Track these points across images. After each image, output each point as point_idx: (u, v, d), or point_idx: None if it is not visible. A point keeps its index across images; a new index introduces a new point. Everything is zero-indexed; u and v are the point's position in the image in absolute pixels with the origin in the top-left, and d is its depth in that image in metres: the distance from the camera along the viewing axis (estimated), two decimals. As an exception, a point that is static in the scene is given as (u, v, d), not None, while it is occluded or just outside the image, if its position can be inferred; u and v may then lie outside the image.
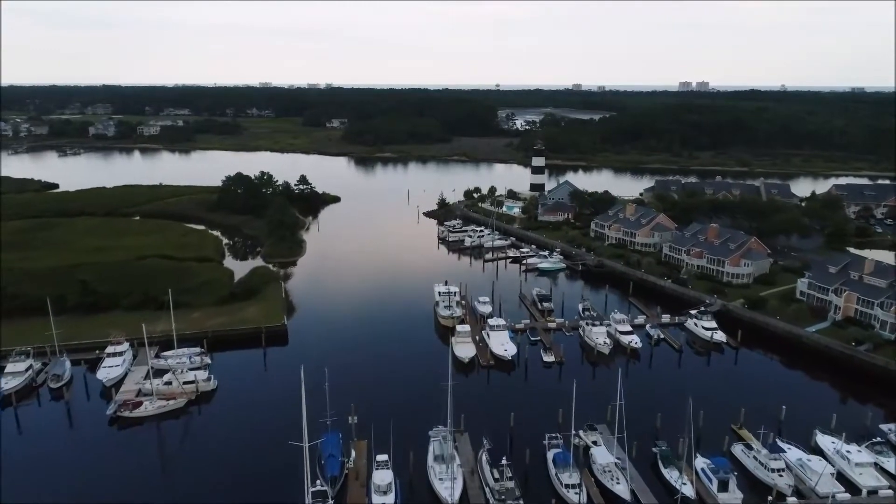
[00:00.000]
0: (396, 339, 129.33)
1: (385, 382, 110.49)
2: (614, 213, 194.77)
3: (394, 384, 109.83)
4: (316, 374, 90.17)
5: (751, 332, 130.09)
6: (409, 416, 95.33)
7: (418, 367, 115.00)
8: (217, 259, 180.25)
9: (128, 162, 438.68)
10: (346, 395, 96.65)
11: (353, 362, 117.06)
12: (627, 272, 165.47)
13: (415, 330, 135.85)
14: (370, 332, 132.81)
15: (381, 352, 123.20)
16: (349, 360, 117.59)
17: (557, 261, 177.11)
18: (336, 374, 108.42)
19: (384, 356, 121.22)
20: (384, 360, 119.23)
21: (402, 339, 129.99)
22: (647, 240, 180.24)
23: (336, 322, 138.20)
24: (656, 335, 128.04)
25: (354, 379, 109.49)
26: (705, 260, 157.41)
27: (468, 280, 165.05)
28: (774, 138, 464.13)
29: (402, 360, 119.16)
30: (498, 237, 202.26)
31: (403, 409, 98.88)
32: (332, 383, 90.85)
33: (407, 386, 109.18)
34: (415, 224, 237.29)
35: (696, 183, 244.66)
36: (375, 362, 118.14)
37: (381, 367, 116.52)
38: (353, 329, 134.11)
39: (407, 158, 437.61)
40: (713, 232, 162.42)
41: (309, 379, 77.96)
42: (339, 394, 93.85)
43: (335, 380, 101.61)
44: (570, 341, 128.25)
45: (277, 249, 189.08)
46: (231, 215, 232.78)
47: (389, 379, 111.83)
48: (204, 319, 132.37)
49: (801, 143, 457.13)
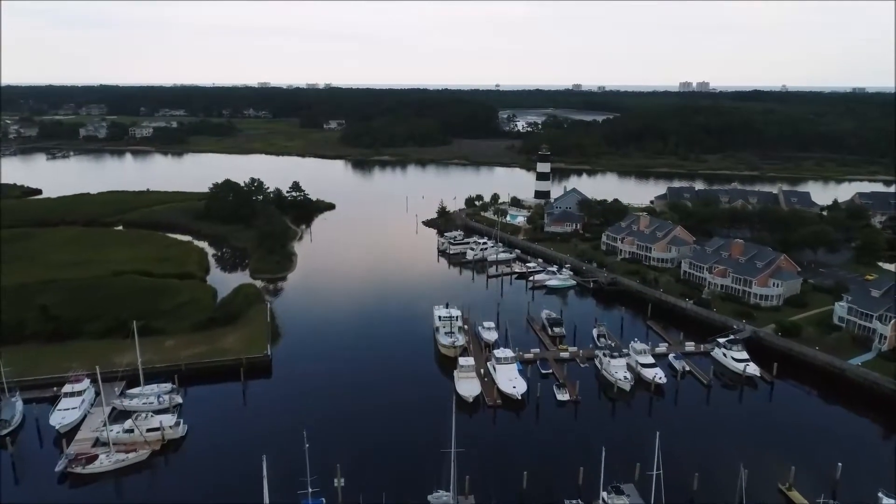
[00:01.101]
0: (392, 372, 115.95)
1: (378, 431, 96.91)
2: (627, 224, 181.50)
3: (388, 434, 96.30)
4: (297, 426, 77.11)
5: (785, 363, 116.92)
6: (406, 477, 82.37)
7: (417, 411, 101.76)
8: (199, 275, 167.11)
9: (117, 165, 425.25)
10: (332, 449, 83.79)
11: (342, 406, 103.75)
12: (644, 291, 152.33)
13: (413, 359, 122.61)
14: (363, 362, 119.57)
15: (374, 388, 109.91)
16: (337, 403, 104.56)
17: (567, 277, 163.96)
18: (321, 421, 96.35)
19: (377, 393, 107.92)
20: (377, 400, 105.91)
21: (398, 371, 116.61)
22: (664, 255, 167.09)
23: (326, 351, 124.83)
24: (681, 367, 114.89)
25: (342, 427, 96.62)
26: (730, 279, 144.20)
27: (470, 298, 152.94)
28: (783, 141, 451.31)
29: (398, 402, 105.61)
30: (502, 250, 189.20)
31: (399, 467, 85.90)
32: (316, 433, 78.22)
33: (403, 437, 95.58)
34: (413, 234, 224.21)
35: (711, 190, 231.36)
36: (367, 404, 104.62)
37: (374, 410, 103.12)
38: (344, 359, 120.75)
39: (405, 161, 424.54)
40: (737, 248, 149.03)
41: (288, 432, 64.75)
42: (323, 448, 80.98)
43: (320, 429, 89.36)
44: (585, 375, 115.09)
45: (265, 264, 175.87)
46: (218, 225, 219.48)
47: (383, 427, 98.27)
48: (178, 349, 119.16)
49: (810, 145, 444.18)
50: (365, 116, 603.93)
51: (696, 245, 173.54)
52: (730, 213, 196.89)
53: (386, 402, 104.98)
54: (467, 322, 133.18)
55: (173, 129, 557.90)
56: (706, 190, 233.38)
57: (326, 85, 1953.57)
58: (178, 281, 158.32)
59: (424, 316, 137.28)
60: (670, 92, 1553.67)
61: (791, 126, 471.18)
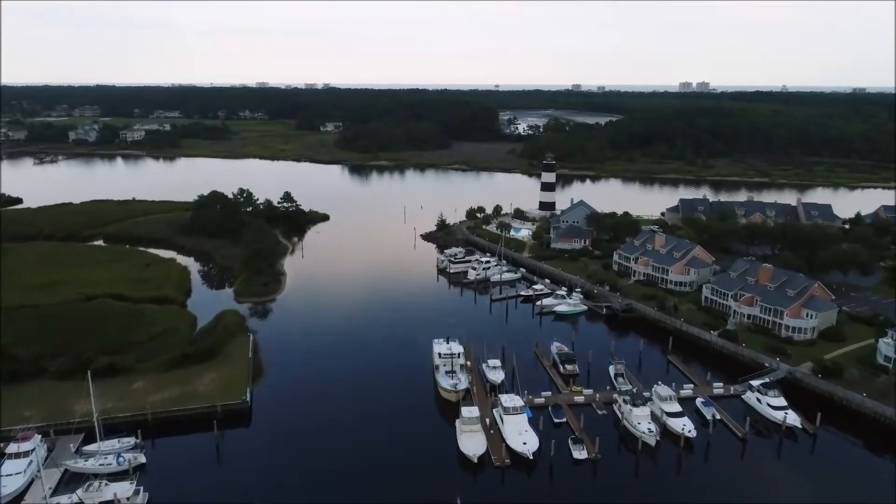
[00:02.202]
0: (388, 421, 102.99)
1: (372, 494, 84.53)
2: (641, 243, 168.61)
3: (383, 497, 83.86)
4: (278, 487, 64.40)
5: (826, 409, 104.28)
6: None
7: (416, 468, 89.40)
8: (179, 299, 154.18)
9: (106, 170, 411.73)
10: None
11: (329, 462, 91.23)
12: (662, 320, 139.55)
13: (411, 402, 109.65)
14: (354, 407, 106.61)
15: (366, 440, 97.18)
16: (324, 458, 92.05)
17: (577, 302, 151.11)
18: (306, 481, 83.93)
19: (371, 446, 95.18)
20: (370, 453, 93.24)
21: (394, 419, 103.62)
22: (682, 277, 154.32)
23: (312, 393, 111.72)
24: (711, 415, 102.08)
25: (329, 488, 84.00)
26: (758, 309, 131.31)
27: (472, 323, 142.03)
28: (792, 144, 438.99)
29: (394, 457, 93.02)
30: (506, 269, 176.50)
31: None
32: (300, 495, 65.39)
33: (401, 500, 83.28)
34: (411, 249, 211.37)
35: (727, 203, 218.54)
36: (359, 459, 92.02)
37: (367, 467, 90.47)
38: (333, 404, 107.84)
39: (403, 166, 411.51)
40: (765, 274, 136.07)
41: (268, 493, 52.21)
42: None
43: (304, 491, 76.96)
44: (603, 424, 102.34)
45: (251, 286, 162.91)
46: (204, 239, 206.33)
47: (377, 488, 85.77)
48: (146, 392, 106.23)
49: (820, 149, 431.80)
50: (362, 118, 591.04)
51: (716, 265, 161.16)
52: (749, 229, 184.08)
53: (381, 457, 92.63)
54: (470, 357, 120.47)
55: (166, 132, 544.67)
56: (721, 202, 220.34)
57: (325, 85, 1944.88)
58: (156, 307, 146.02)
59: (423, 349, 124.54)
60: (671, 92, 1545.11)
61: (800, 129, 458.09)
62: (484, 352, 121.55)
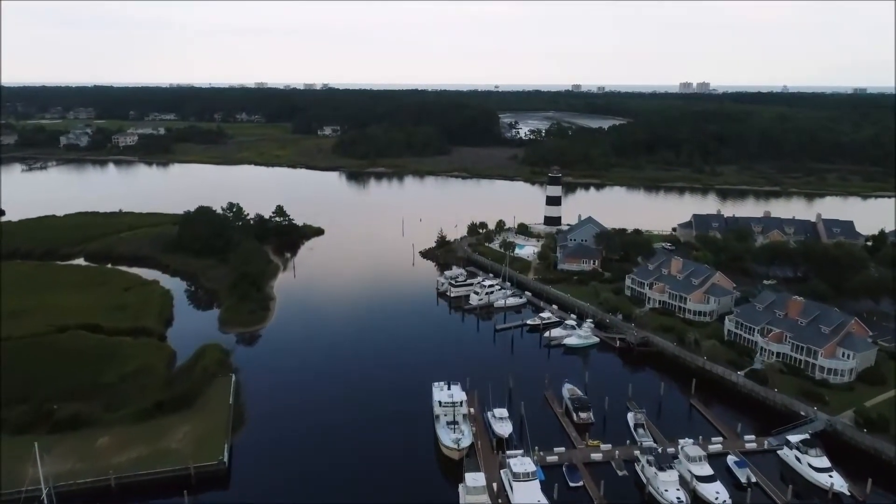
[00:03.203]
0: (383, 482, 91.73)
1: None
2: (656, 267, 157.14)
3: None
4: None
5: (874, 469, 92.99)
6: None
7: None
8: (158, 330, 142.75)
9: (96, 178, 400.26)
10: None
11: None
12: (682, 357, 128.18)
13: (408, 458, 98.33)
14: (345, 465, 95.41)
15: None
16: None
17: (589, 334, 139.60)
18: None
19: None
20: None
21: (390, 480, 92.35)
22: (702, 306, 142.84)
23: (299, 446, 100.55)
24: (746, 478, 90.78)
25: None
26: (788, 346, 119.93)
27: (475, 356, 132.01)
28: (801, 151, 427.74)
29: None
30: (510, 293, 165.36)
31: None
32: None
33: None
34: (409, 267, 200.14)
35: (743, 219, 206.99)
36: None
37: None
38: (321, 462, 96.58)
39: (402, 173, 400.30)
40: (796, 307, 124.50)
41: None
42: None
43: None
44: (625, 485, 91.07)
45: (237, 315, 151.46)
46: (190, 258, 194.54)
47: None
48: (111, 450, 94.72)
49: (830, 155, 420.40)
50: (361, 122, 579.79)
51: (737, 290, 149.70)
52: (769, 251, 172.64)
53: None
54: (474, 405, 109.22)
55: (160, 136, 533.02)
56: (736, 218, 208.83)
57: (324, 85, 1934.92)
58: (132, 340, 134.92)
59: (422, 393, 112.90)
60: (672, 93, 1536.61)
61: (808, 135, 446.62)
62: (489, 398, 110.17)
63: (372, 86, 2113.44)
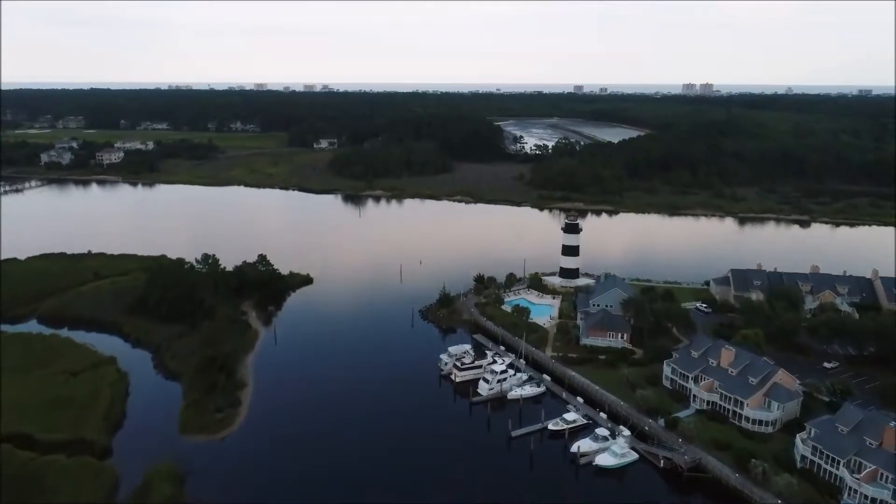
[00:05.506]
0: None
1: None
2: (701, 354, 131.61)
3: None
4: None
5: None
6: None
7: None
8: (102, 442, 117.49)
9: (74, 202, 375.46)
10: None
11: None
12: (747, 492, 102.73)
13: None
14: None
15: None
16: None
17: (626, 450, 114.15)
18: None
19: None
20: None
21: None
22: (763, 414, 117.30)
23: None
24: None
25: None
26: (888, 491, 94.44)
27: (487, 472, 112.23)
28: (826, 170, 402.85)
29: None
30: (526, 379, 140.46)
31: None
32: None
33: None
34: (408, 330, 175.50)
35: (789, 275, 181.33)
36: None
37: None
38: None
39: (401, 196, 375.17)
40: (891, 435, 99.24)
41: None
42: None
43: None
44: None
45: (201, 414, 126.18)
46: (156, 323, 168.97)
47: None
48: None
49: (857, 175, 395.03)
50: (358, 136, 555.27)
51: (802, 388, 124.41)
52: (830, 326, 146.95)
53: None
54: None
55: (147, 151, 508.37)
56: (780, 274, 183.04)
57: (324, 86, 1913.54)
58: (64, 461, 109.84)
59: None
60: (676, 95, 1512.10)
61: (833, 154, 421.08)
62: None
63: (372, 86, 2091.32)
